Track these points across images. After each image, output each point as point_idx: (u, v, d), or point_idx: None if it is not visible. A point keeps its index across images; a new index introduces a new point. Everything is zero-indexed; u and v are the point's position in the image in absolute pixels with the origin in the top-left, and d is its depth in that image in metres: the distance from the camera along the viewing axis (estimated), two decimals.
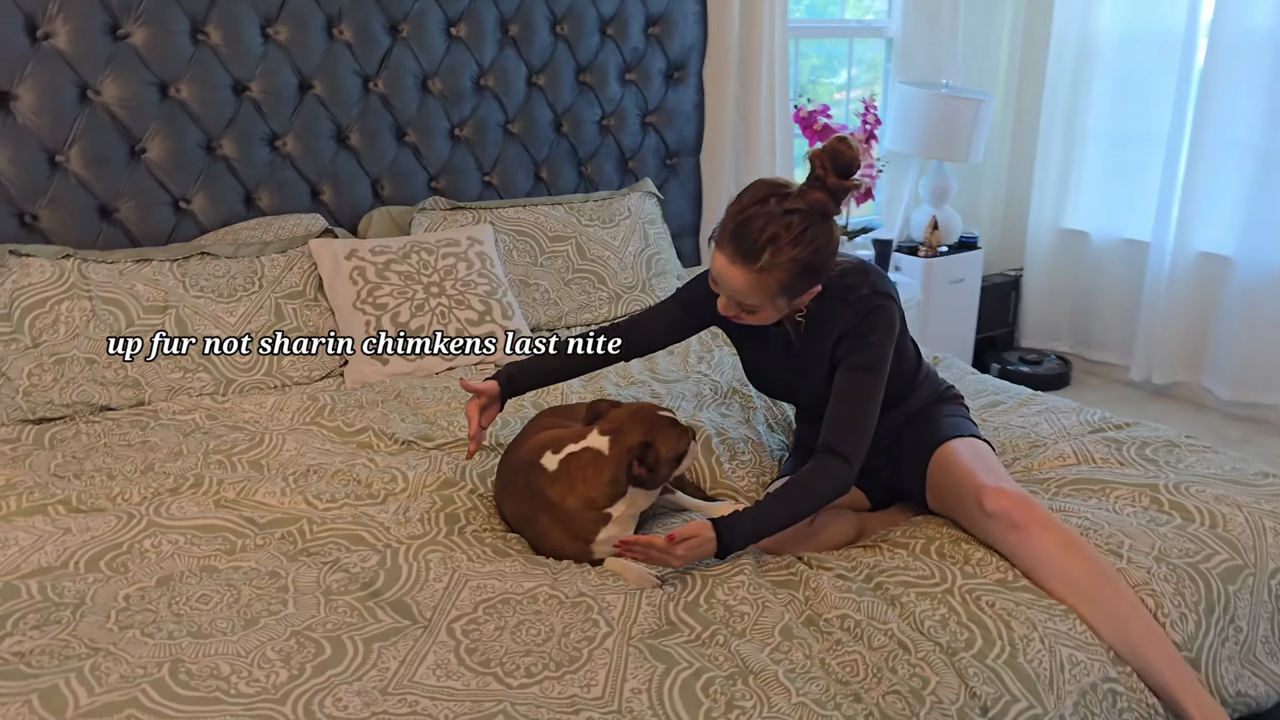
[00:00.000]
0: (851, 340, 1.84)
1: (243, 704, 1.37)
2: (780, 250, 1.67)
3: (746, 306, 1.77)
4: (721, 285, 1.77)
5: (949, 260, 4.17)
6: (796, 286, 1.74)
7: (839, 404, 1.82)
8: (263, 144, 2.87)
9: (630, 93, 3.46)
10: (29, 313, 2.35)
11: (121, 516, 1.86)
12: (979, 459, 1.89)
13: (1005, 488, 1.77)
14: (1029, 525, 1.71)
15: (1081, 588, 1.66)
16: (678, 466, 1.82)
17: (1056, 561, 1.68)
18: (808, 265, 1.70)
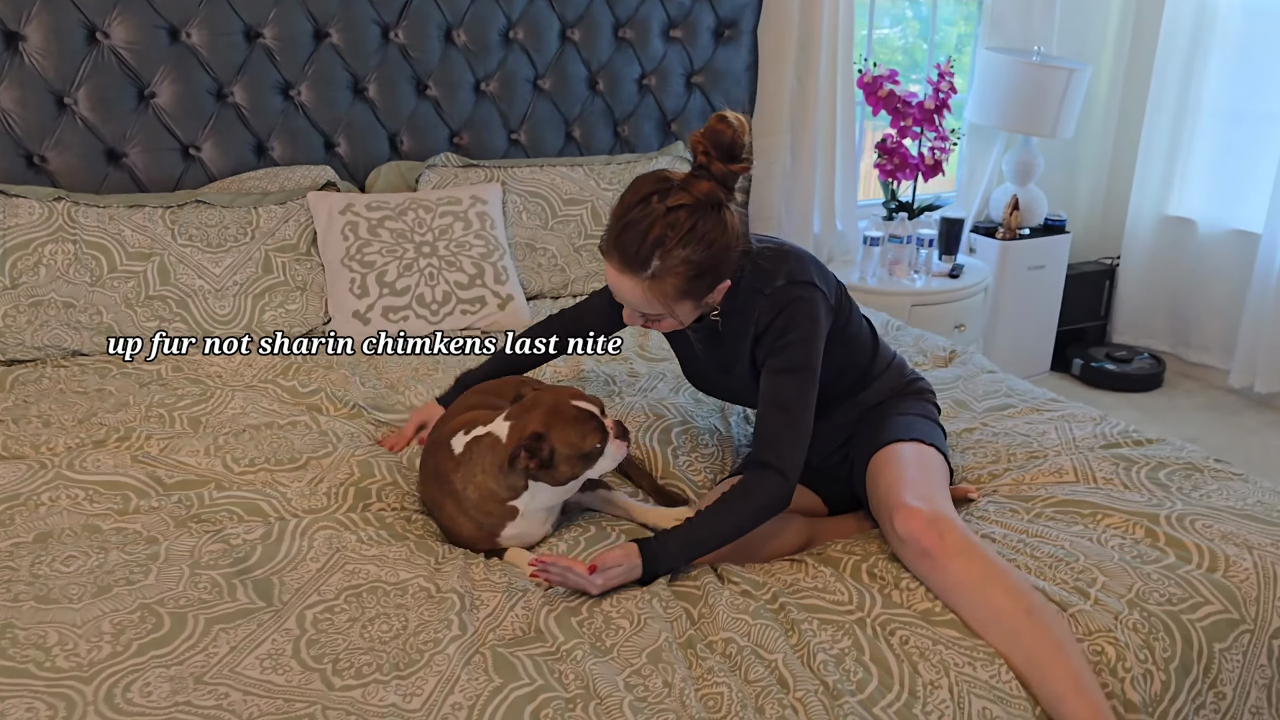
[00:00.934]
0: (770, 340, 1.66)
1: (46, 681, 1.30)
2: (669, 253, 1.52)
3: (649, 316, 1.64)
4: (617, 296, 1.63)
5: (1030, 244, 3.83)
6: (696, 288, 1.58)
7: (766, 412, 1.65)
8: (275, 92, 2.81)
9: (674, 51, 3.26)
10: (11, 254, 2.35)
11: (34, 466, 1.83)
12: (911, 469, 1.67)
13: (920, 508, 1.56)
14: (940, 553, 1.50)
15: (1001, 625, 1.44)
16: (586, 466, 1.63)
17: (971, 594, 1.47)
18: (702, 265, 1.55)
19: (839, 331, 1.75)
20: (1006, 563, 1.53)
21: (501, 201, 2.80)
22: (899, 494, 1.60)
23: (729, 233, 1.56)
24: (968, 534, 1.54)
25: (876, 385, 1.86)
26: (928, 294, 3.44)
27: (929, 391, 1.92)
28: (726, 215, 1.56)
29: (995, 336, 3.88)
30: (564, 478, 1.62)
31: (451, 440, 1.70)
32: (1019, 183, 3.91)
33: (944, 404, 2.19)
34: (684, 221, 1.52)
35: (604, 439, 1.63)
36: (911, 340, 2.55)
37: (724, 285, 1.62)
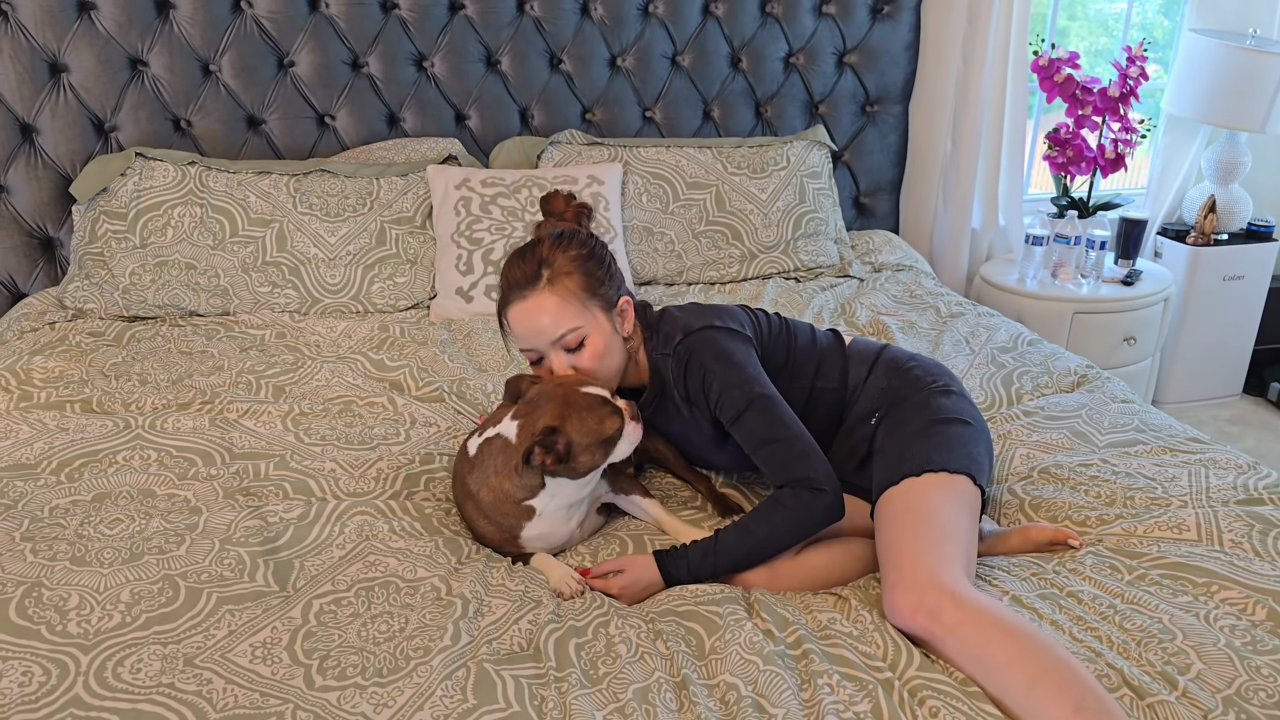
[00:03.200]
0: (700, 398, 1.66)
1: (51, 645, 1.33)
2: (553, 258, 1.64)
3: (569, 339, 1.62)
4: (536, 336, 1.63)
5: (1226, 251, 3.41)
6: (594, 283, 1.65)
7: (758, 456, 1.61)
8: (408, 63, 2.82)
9: (826, 27, 3.07)
10: (143, 215, 2.46)
11: (120, 424, 1.90)
12: (908, 530, 1.49)
13: (901, 601, 1.39)
14: (938, 634, 1.36)
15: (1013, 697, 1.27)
16: (606, 453, 1.56)
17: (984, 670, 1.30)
18: (589, 256, 1.66)
19: (780, 363, 1.72)
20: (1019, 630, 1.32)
21: (621, 182, 2.72)
22: (890, 572, 1.45)
23: (588, 235, 1.69)
24: (968, 603, 1.36)
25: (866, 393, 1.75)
26: (1093, 301, 3.11)
27: (955, 393, 1.74)
28: (579, 227, 1.76)
29: (1177, 352, 3.49)
30: (585, 468, 1.55)
31: (468, 443, 1.65)
32: (1220, 182, 3.48)
33: (1059, 436, 1.96)
34: (547, 238, 1.66)
35: (621, 421, 1.56)
36: (1040, 359, 2.29)
37: (627, 302, 1.68)
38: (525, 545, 1.60)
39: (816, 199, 2.88)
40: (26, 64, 2.53)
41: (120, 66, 2.61)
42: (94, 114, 2.62)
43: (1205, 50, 3.26)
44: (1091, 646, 1.39)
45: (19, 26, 2.50)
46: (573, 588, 1.51)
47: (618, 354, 1.68)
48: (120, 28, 2.58)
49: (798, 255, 2.80)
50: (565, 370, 1.64)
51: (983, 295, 3.26)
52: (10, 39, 2.50)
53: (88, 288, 2.41)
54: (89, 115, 2.61)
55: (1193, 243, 3.42)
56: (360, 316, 2.48)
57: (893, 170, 3.29)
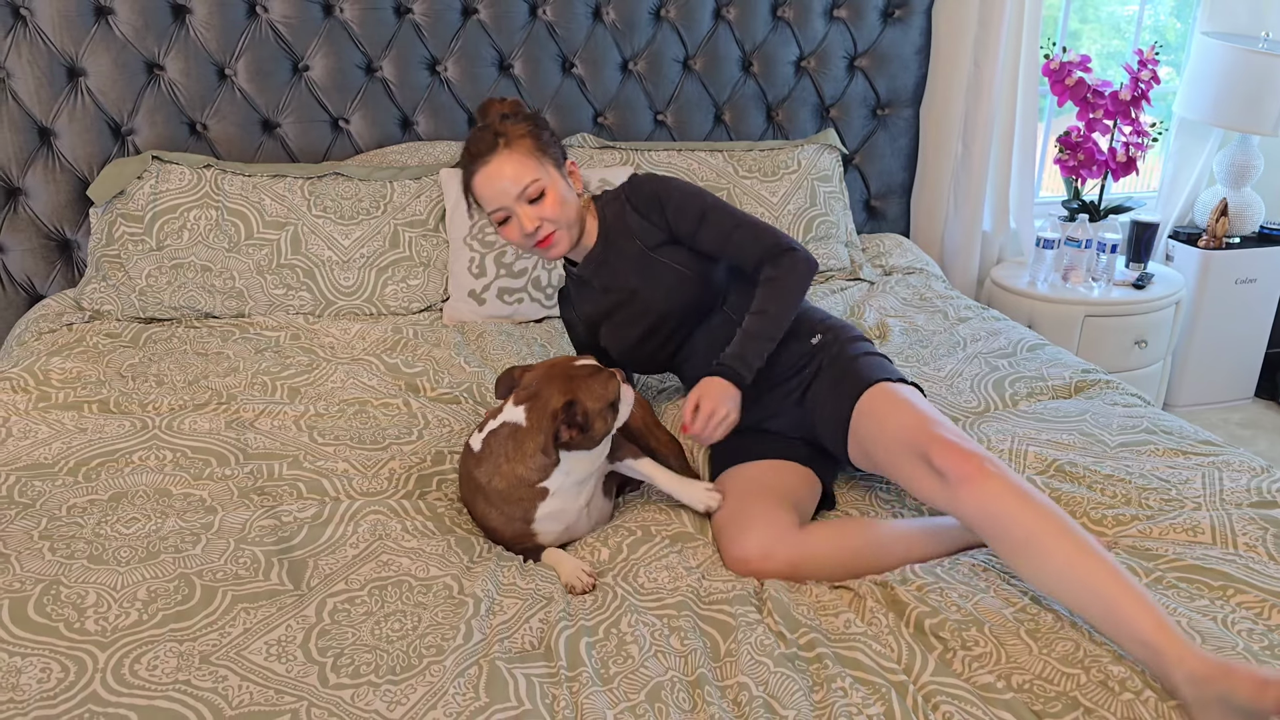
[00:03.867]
0: (655, 213, 1.87)
1: (68, 643, 1.35)
2: (505, 128, 1.82)
3: (531, 190, 1.79)
4: (502, 194, 1.80)
5: (1238, 255, 3.41)
6: (544, 143, 1.83)
7: (731, 245, 1.84)
8: (422, 67, 2.84)
9: (837, 30, 3.08)
10: (160, 217, 2.49)
11: (137, 424, 1.93)
12: (920, 407, 1.69)
13: (956, 442, 1.57)
14: (978, 479, 1.50)
15: (1039, 540, 1.43)
16: (614, 416, 1.61)
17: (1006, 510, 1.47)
18: (535, 122, 1.85)
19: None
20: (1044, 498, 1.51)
21: None
22: (927, 430, 1.60)
23: (525, 107, 1.90)
24: (1002, 465, 1.55)
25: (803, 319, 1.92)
26: (1105, 305, 3.11)
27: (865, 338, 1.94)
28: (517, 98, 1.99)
29: (1189, 355, 3.48)
30: (599, 435, 1.60)
31: (470, 440, 1.68)
32: (1232, 185, 3.47)
33: (1070, 437, 1.96)
34: (493, 113, 1.86)
35: (618, 383, 1.62)
36: (1036, 365, 2.28)
37: (573, 164, 1.89)
38: (537, 530, 1.62)
39: (827, 202, 2.89)
40: (45, 68, 2.56)
41: (137, 70, 2.63)
42: (111, 117, 2.64)
43: (1217, 53, 3.25)
44: (1112, 650, 1.39)
45: (37, 31, 2.52)
46: (584, 582, 1.52)
47: (574, 205, 1.86)
48: (137, 32, 2.60)
49: None
50: (533, 222, 1.80)
51: (994, 298, 3.26)
52: (29, 43, 2.53)
53: (105, 289, 2.44)
54: (106, 119, 2.64)
55: (1204, 246, 3.41)
56: (374, 319, 2.50)
57: (903, 174, 3.30)
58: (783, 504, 1.68)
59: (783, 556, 1.57)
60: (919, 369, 2.29)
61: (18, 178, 2.61)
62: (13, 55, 2.53)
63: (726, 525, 1.65)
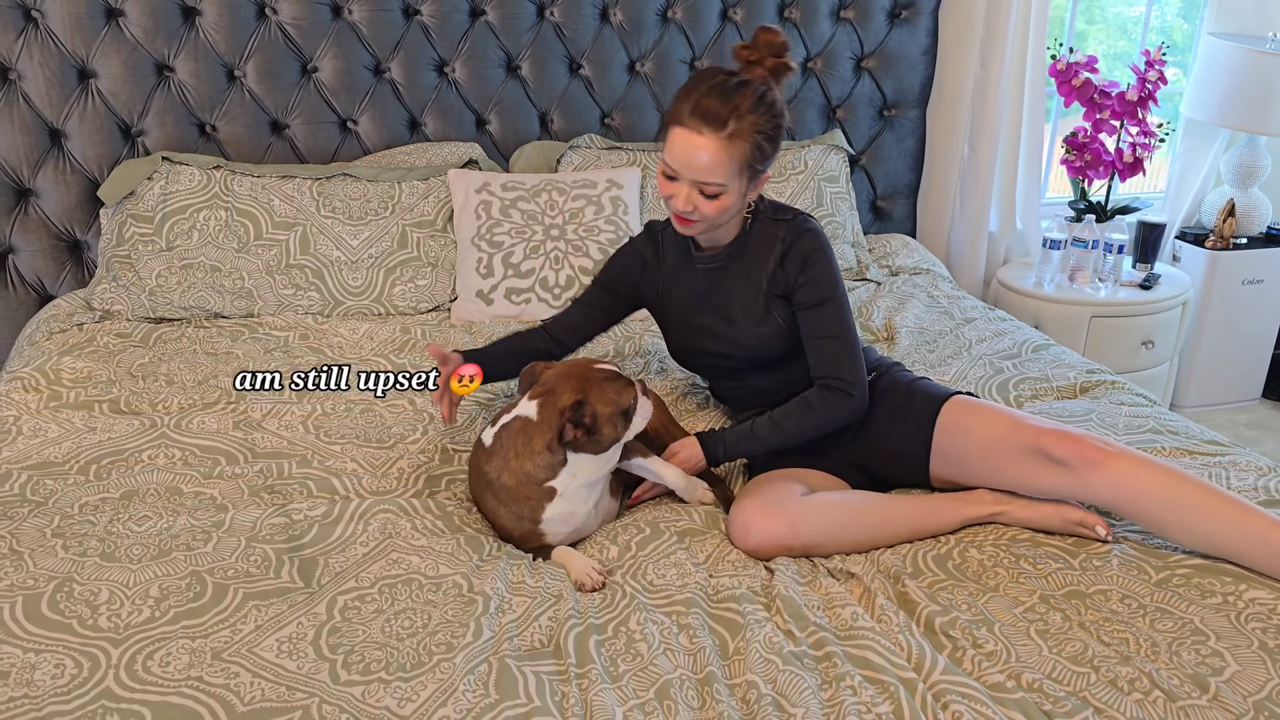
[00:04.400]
0: (794, 269, 1.80)
1: (82, 640, 1.36)
2: (743, 116, 1.68)
3: (710, 188, 1.71)
4: (685, 166, 1.71)
5: (1245, 255, 3.40)
6: (757, 158, 1.73)
7: (816, 345, 1.81)
8: (430, 69, 2.85)
9: (844, 31, 3.09)
10: (170, 218, 2.50)
11: (146, 424, 1.94)
12: (1001, 409, 1.77)
13: (1064, 429, 1.66)
14: (1104, 459, 1.60)
15: (1178, 501, 1.56)
16: (626, 425, 1.61)
17: (1140, 482, 1.58)
18: (769, 132, 1.72)
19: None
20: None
21: (640, 186, 2.74)
22: (1030, 426, 1.68)
23: (783, 109, 1.75)
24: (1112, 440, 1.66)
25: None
26: (1111, 305, 3.11)
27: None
28: (778, 96, 1.75)
29: (1196, 356, 3.48)
30: (608, 440, 1.60)
31: (482, 435, 1.69)
32: (1239, 186, 3.47)
33: None
34: (753, 91, 1.70)
35: (635, 393, 1.62)
36: (1041, 366, 2.28)
37: (766, 176, 1.79)
38: (545, 531, 1.63)
39: (834, 203, 2.89)
40: (56, 70, 2.57)
41: (147, 72, 2.65)
42: (121, 119, 2.66)
43: (1224, 54, 3.25)
44: (1120, 651, 1.40)
45: (48, 32, 2.54)
46: (594, 579, 1.53)
47: (735, 213, 1.79)
48: (147, 34, 2.61)
49: None
50: (688, 205, 1.73)
51: (1000, 299, 3.27)
52: (40, 45, 2.54)
53: (115, 290, 2.45)
54: (116, 120, 2.65)
55: (1211, 247, 3.41)
56: (382, 319, 2.51)
57: (910, 174, 3.30)
58: (794, 483, 1.73)
59: (778, 525, 1.61)
60: (926, 370, 2.30)
61: (29, 178, 2.63)
62: (24, 57, 2.54)
63: (736, 502, 1.71)
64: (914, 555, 1.65)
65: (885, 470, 1.85)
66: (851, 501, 1.71)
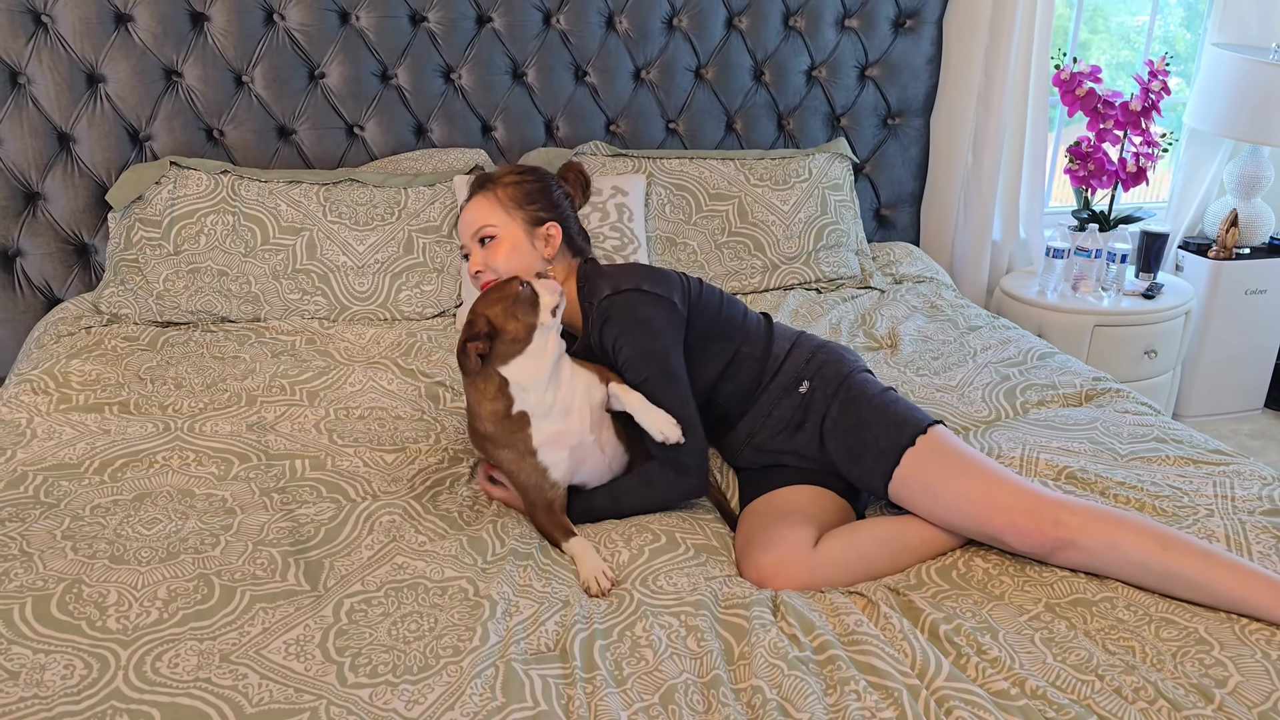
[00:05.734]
0: (610, 353, 1.76)
1: (91, 641, 1.36)
2: (504, 176, 1.88)
3: (486, 232, 1.82)
4: (464, 229, 1.86)
5: (1247, 265, 3.42)
6: (524, 197, 1.84)
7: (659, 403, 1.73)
8: (436, 75, 2.86)
9: (848, 40, 3.10)
10: (177, 222, 2.51)
11: (159, 426, 1.95)
12: (953, 481, 1.65)
13: (1026, 526, 1.58)
14: (1064, 547, 1.57)
15: (1153, 566, 1.53)
16: (531, 313, 1.63)
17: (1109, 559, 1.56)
18: (534, 183, 1.87)
19: (707, 326, 1.82)
20: (1124, 512, 1.61)
21: (645, 193, 2.75)
22: (983, 512, 1.61)
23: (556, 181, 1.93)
24: (1074, 505, 1.59)
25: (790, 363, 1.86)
26: (1114, 314, 3.12)
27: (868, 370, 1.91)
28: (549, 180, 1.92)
29: (1198, 366, 3.49)
30: (519, 333, 1.62)
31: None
32: (1242, 196, 3.48)
33: (1080, 445, 1.97)
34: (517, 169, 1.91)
35: (526, 282, 1.66)
36: (1047, 374, 2.29)
37: (556, 229, 1.84)
38: (546, 464, 1.64)
39: (838, 211, 2.90)
40: (65, 74, 2.58)
41: (155, 77, 2.66)
42: (129, 124, 2.67)
43: (1228, 64, 3.27)
44: (1125, 660, 1.41)
45: (58, 37, 2.55)
46: (601, 585, 1.53)
47: (529, 264, 1.82)
48: (156, 39, 2.63)
49: (819, 267, 2.82)
50: (478, 265, 1.82)
51: (1003, 307, 3.28)
52: (49, 50, 2.55)
53: (123, 293, 2.46)
54: (124, 125, 2.67)
55: (1214, 257, 3.42)
56: (388, 324, 2.52)
57: (914, 183, 3.31)
58: (802, 523, 1.67)
59: (796, 576, 1.58)
60: (930, 379, 2.31)
61: (37, 182, 2.64)
62: (33, 61, 2.55)
63: (745, 545, 1.66)
64: (918, 570, 1.65)
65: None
66: (864, 548, 1.65)
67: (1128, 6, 3.61)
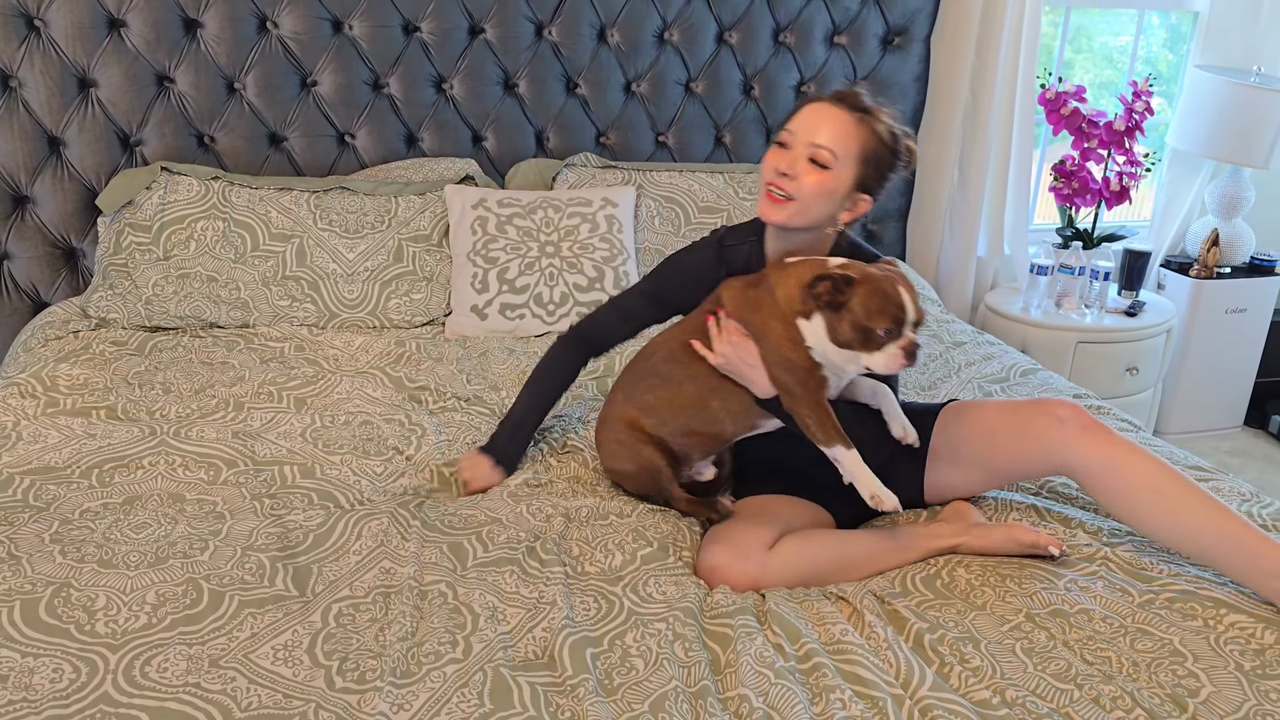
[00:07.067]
0: None
1: (79, 645, 1.36)
2: (878, 118, 1.69)
3: (822, 154, 1.66)
4: (805, 128, 1.67)
5: (1229, 284, 3.46)
6: (876, 159, 1.69)
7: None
8: (428, 85, 2.88)
9: (837, 57, 3.13)
10: (168, 227, 2.51)
11: (145, 431, 1.95)
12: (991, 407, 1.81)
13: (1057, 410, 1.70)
14: (1104, 431, 1.66)
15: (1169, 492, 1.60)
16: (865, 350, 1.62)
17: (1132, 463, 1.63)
18: (890, 149, 1.70)
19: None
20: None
21: (634, 205, 2.77)
22: (1031, 400, 1.75)
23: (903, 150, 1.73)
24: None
25: None
26: (1097, 331, 3.16)
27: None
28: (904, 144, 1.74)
29: (1179, 383, 3.53)
30: (841, 339, 1.61)
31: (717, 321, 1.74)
32: (1223, 216, 3.53)
33: None
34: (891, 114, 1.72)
35: (893, 333, 1.59)
36: (1028, 391, 2.31)
37: (867, 204, 1.74)
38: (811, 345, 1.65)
39: None
40: (56, 78, 2.59)
41: (147, 83, 2.67)
42: (120, 128, 2.67)
43: (1210, 86, 3.32)
44: (1102, 670, 1.43)
45: (50, 42, 2.56)
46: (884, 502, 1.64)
47: (826, 214, 1.71)
48: (149, 45, 2.64)
49: None
50: (787, 168, 1.67)
51: (988, 323, 3.31)
52: (42, 54, 2.56)
53: (111, 298, 2.46)
54: (115, 130, 2.67)
55: (1195, 275, 3.46)
56: (377, 332, 2.52)
57: (900, 198, 3.35)
58: (766, 524, 1.71)
59: (747, 571, 1.61)
60: (917, 394, 2.33)
61: (26, 186, 2.64)
62: (25, 65, 2.56)
63: (705, 542, 1.71)
64: (903, 577, 1.67)
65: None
66: (816, 552, 1.68)
67: (1112, 27, 3.66)
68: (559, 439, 2.04)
